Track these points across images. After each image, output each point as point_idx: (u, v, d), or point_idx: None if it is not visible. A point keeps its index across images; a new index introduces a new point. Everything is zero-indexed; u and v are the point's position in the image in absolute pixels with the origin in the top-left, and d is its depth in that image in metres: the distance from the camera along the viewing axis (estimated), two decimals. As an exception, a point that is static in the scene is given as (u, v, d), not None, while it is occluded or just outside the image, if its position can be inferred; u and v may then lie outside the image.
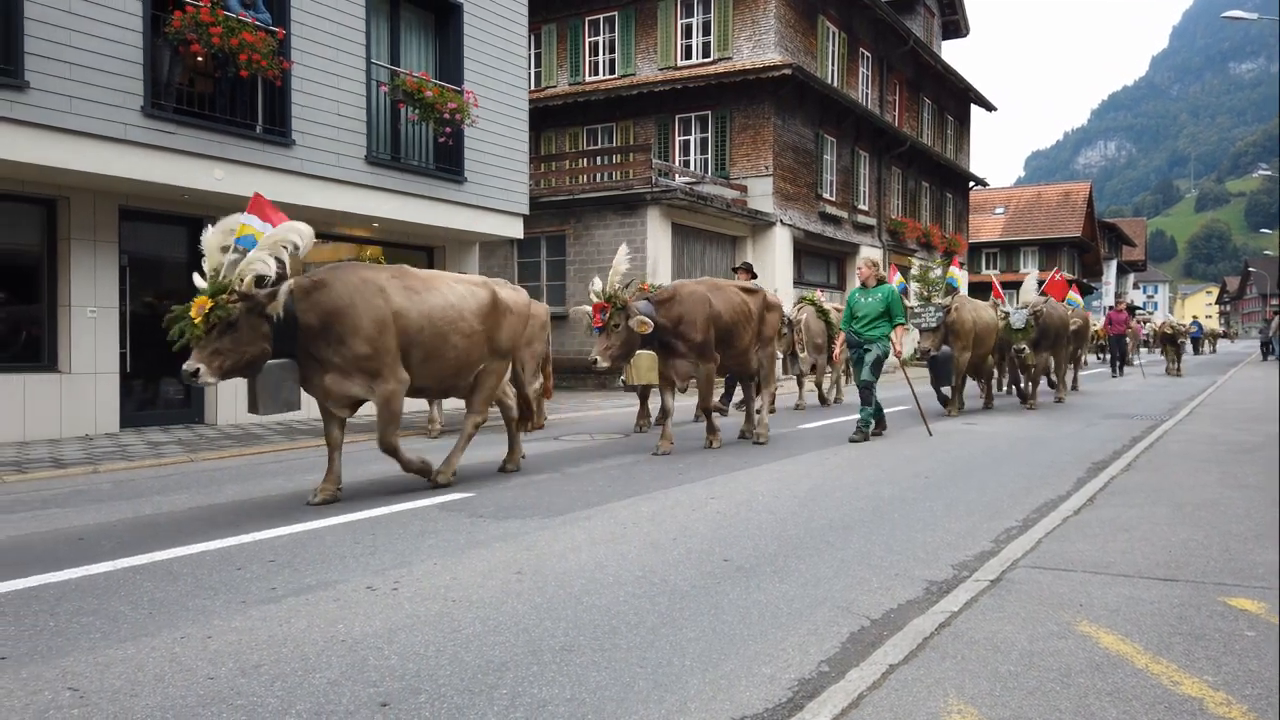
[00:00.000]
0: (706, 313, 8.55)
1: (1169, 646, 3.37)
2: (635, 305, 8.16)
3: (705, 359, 8.62)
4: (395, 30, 12.86)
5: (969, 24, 36.91)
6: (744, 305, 9.10)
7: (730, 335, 8.89)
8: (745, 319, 9.08)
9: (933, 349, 11.94)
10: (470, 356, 6.78)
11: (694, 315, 8.48)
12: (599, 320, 8.08)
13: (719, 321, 8.70)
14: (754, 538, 5.24)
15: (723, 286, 9.11)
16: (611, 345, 8.07)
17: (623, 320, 8.08)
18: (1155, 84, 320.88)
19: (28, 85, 8.62)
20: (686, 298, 8.55)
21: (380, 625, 3.67)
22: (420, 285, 6.49)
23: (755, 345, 9.38)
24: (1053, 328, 13.53)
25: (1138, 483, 6.90)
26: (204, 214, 11.29)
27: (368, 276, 6.20)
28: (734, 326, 8.90)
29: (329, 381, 6.06)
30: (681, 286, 8.74)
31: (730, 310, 8.86)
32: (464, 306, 6.68)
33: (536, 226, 18.88)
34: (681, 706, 2.92)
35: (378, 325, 6.03)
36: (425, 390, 6.90)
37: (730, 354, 9.04)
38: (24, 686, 3.05)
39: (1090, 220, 56.51)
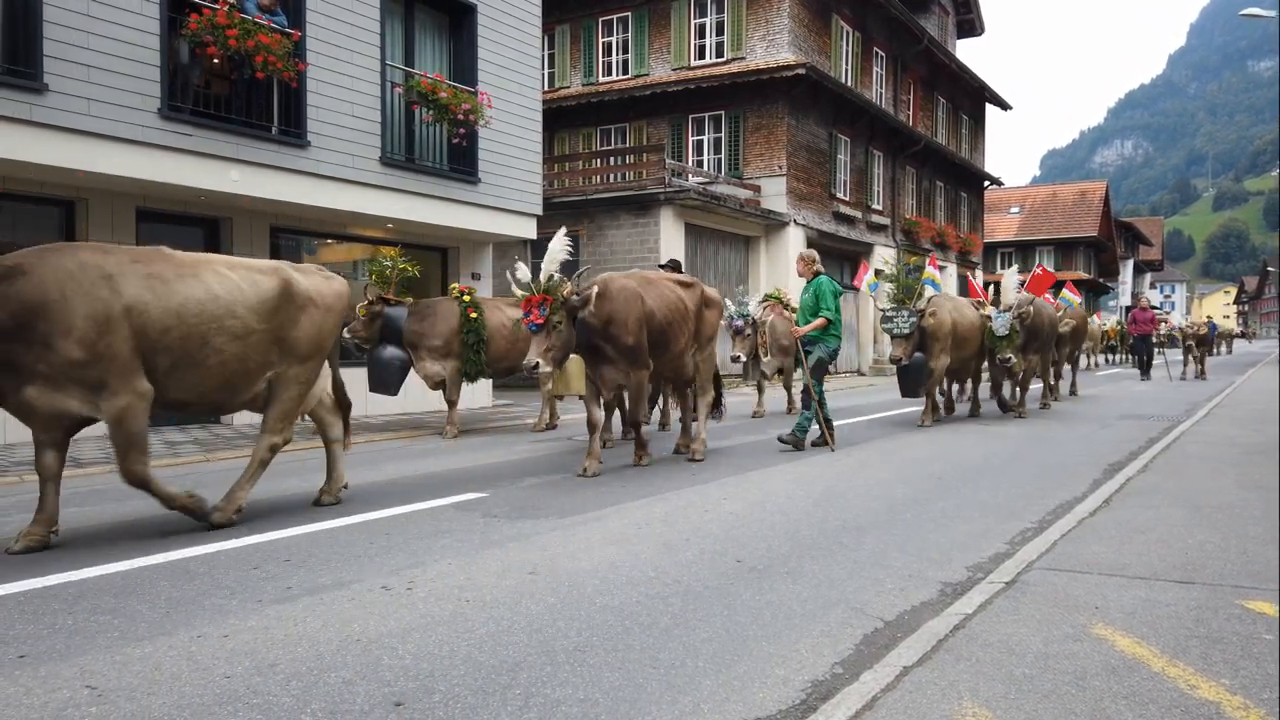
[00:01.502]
0: (639, 311, 7.44)
1: (1186, 650, 3.35)
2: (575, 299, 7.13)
3: (637, 365, 7.53)
4: (410, 32, 12.91)
5: (984, 22, 36.74)
6: (679, 302, 8.03)
7: (665, 337, 7.79)
8: (681, 318, 8.01)
9: (904, 358, 10.97)
10: (247, 364, 5.41)
11: (625, 314, 7.36)
12: (537, 317, 6.95)
13: (652, 321, 7.60)
14: (767, 538, 5.23)
15: (655, 281, 8.05)
16: (553, 346, 7.06)
17: (565, 317, 7.04)
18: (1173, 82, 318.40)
19: (46, 88, 8.70)
20: (617, 294, 7.40)
21: (395, 625, 3.69)
22: (172, 272, 5.17)
23: (692, 347, 8.32)
24: (1041, 329, 12.37)
25: (1154, 484, 6.85)
26: (220, 215, 11.40)
27: (89, 260, 4.95)
28: (669, 327, 7.80)
29: (31, 395, 4.85)
30: (611, 281, 7.58)
31: (665, 308, 7.78)
32: (234, 300, 5.31)
33: (550, 227, 18.72)
34: (694, 708, 2.92)
35: (97, 324, 4.80)
36: (187, 405, 5.50)
37: (664, 358, 7.98)
38: (43, 684, 3.08)
39: (1107, 220, 56.14)
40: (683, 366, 8.36)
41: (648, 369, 7.70)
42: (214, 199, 10.75)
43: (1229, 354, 46.51)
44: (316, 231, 12.78)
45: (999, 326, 11.46)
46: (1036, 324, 12.06)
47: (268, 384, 5.68)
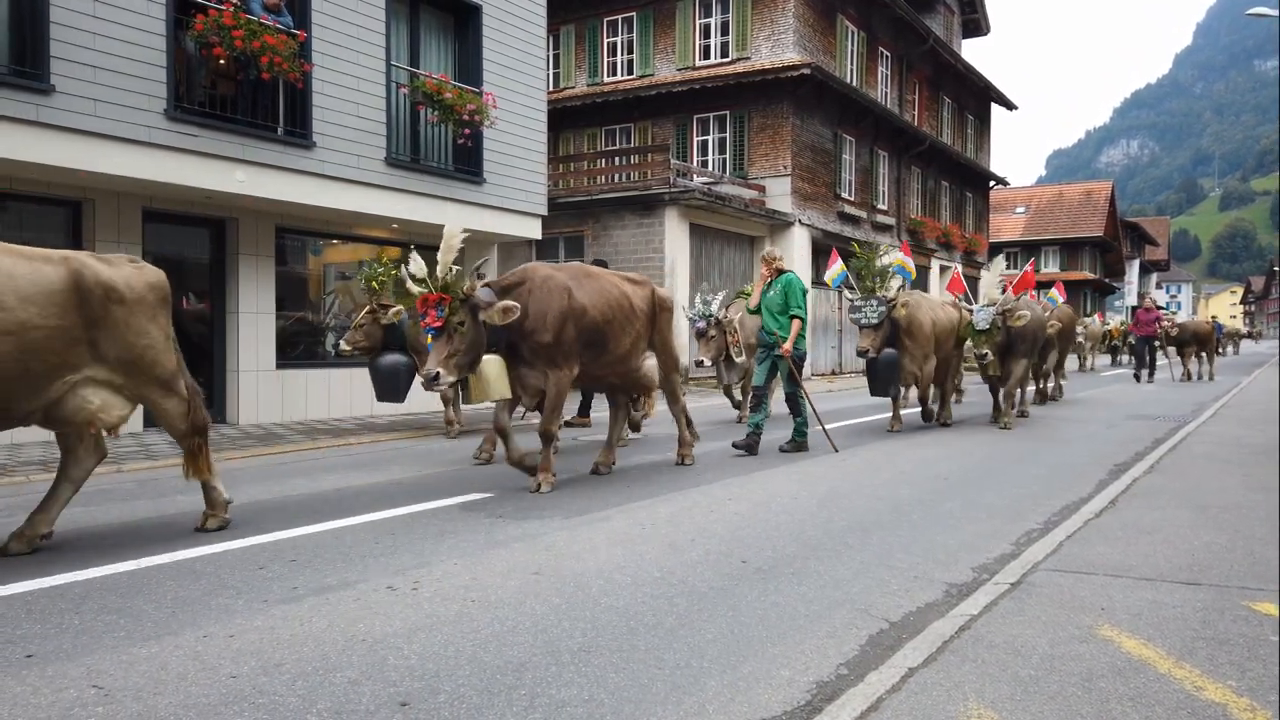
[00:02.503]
0: (563, 307, 6.63)
1: (1192, 651, 3.34)
2: (478, 294, 6.25)
3: (555, 366, 6.68)
4: (415, 32, 12.92)
5: (989, 22, 36.66)
6: (623, 300, 7.24)
7: (603, 336, 7.03)
8: (625, 317, 7.22)
9: (873, 350, 10.05)
10: (27, 365, 4.53)
11: (543, 308, 6.54)
12: (433, 319, 6.06)
13: (583, 319, 6.79)
14: (772, 539, 5.23)
15: (596, 275, 7.28)
16: (457, 351, 6.12)
17: (469, 316, 6.14)
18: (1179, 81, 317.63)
19: (53, 89, 8.73)
20: (539, 285, 6.62)
21: (400, 625, 3.69)
22: None
23: (640, 351, 7.65)
24: (1030, 331, 11.33)
25: (1160, 485, 6.84)
26: (226, 215, 11.43)
27: None
28: (607, 326, 7.03)
29: None
30: (533, 271, 6.77)
31: (603, 304, 7.00)
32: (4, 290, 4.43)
33: (555, 227, 18.92)
34: (700, 708, 2.92)
35: None
36: None
37: (603, 360, 7.19)
38: (50, 684, 3.09)
39: (1112, 219, 56.02)
40: (627, 371, 7.59)
41: (570, 372, 6.77)
42: (220, 199, 10.78)
43: (1236, 354, 46.37)
44: (322, 232, 12.80)
45: (980, 320, 10.67)
46: (1027, 326, 11.01)
47: (74, 392, 4.80)
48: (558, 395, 6.75)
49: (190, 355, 11.80)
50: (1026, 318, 10.72)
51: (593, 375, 7.35)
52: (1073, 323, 16.95)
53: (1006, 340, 10.82)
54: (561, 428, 8.56)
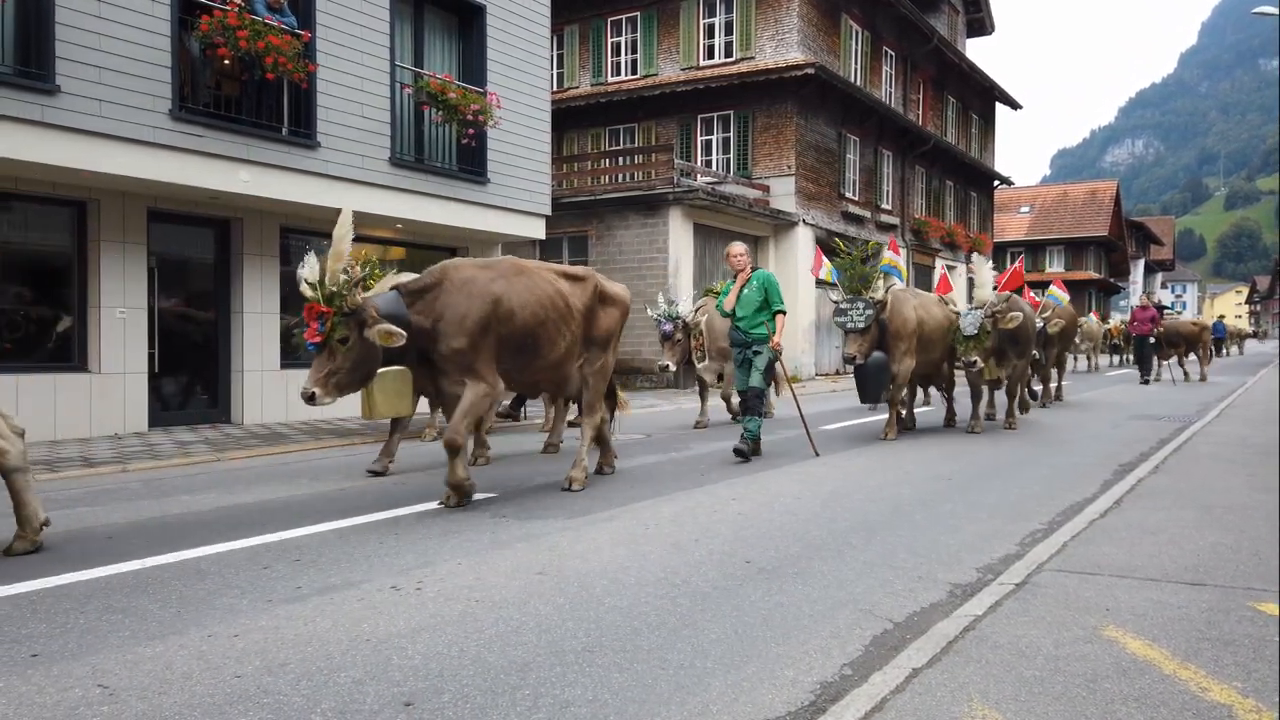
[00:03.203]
0: (483, 310, 5.95)
1: (1197, 652, 3.34)
2: (373, 303, 5.66)
3: (472, 375, 5.97)
4: (419, 32, 12.94)
5: (994, 21, 36.60)
6: (558, 298, 6.56)
7: (534, 340, 6.35)
8: (560, 317, 6.53)
9: (859, 355, 9.46)
10: None
11: (460, 312, 5.88)
12: (313, 333, 5.43)
13: (511, 321, 6.14)
14: (776, 539, 5.23)
15: (528, 270, 6.52)
16: (338, 369, 5.47)
17: (354, 331, 5.48)
18: (1184, 81, 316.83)
19: (58, 89, 8.75)
20: (457, 287, 5.97)
21: (404, 625, 3.70)
22: None
23: (579, 354, 6.88)
24: (1023, 333, 10.71)
25: (1165, 485, 6.82)
26: (231, 215, 11.45)
27: None
28: (539, 328, 6.34)
29: None
30: (453, 270, 6.10)
31: (534, 304, 6.31)
32: None
33: (559, 227, 18.93)
34: (703, 709, 2.92)
35: None
36: None
37: (535, 365, 6.51)
38: (55, 683, 3.10)
39: (1117, 219, 55.89)
40: (563, 376, 6.90)
41: (490, 384, 6.07)
42: (225, 199, 10.80)
43: (1240, 354, 46.24)
44: (326, 232, 12.69)
45: (967, 325, 9.92)
46: (1019, 328, 10.41)
47: None
48: (471, 406, 5.97)
49: (193, 356, 11.82)
50: (1019, 319, 10.10)
51: (525, 382, 6.81)
52: (1074, 322, 16.48)
53: (998, 344, 10.23)
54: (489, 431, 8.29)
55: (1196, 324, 23.19)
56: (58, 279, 10.35)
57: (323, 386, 5.46)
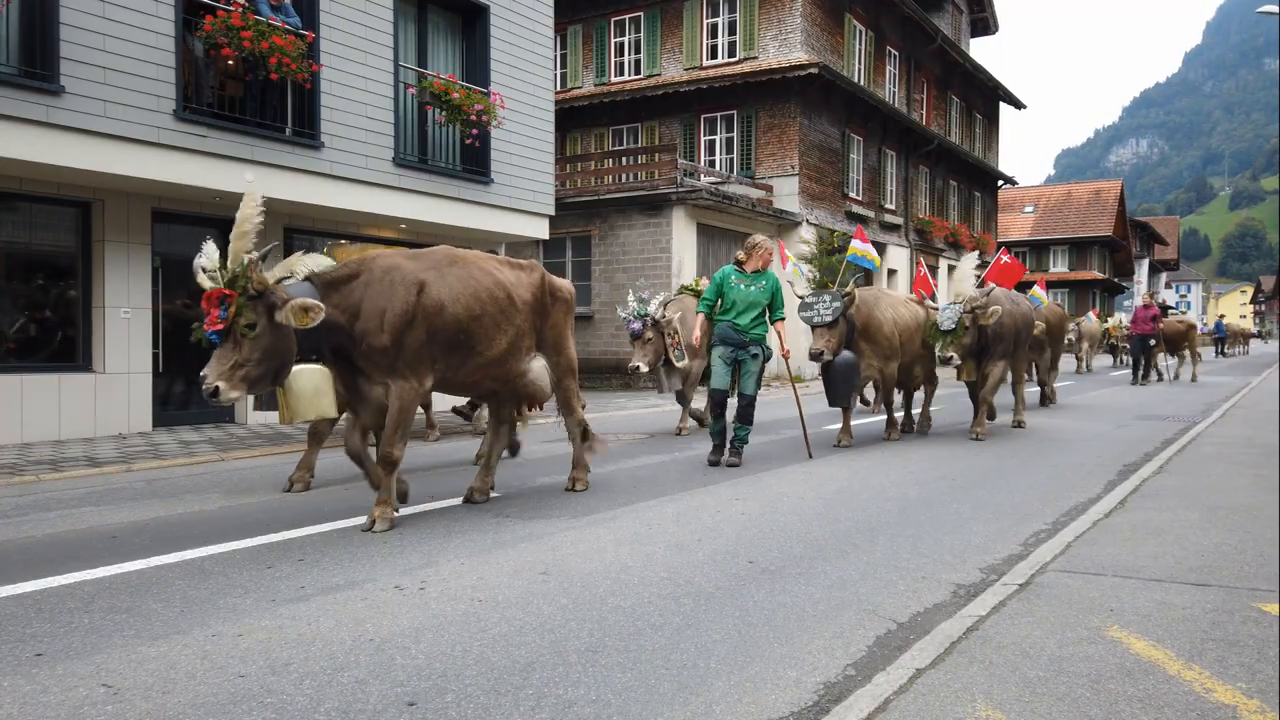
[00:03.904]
0: (408, 304, 5.40)
1: (1201, 653, 3.33)
2: (284, 289, 5.08)
3: (398, 376, 5.43)
4: (422, 33, 12.95)
5: (998, 21, 36.56)
6: (497, 290, 5.94)
7: (469, 337, 5.74)
8: (500, 312, 5.92)
9: (828, 351, 8.80)
10: None
11: (382, 306, 5.34)
12: (215, 320, 4.85)
13: (441, 315, 5.55)
14: (779, 539, 5.22)
15: (464, 262, 5.92)
16: (246, 361, 4.89)
17: (262, 316, 4.90)
18: (1188, 80, 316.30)
19: (63, 90, 8.76)
20: (378, 278, 5.43)
21: (407, 625, 3.70)
22: None
23: (524, 352, 6.24)
24: (1007, 330, 10.03)
25: (1170, 486, 6.81)
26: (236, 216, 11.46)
27: None
28: (474, 324, 5.75)
29: None
30: (375, 260, 5.58)
31: (468, 297, 5.73)
32: None
33: (562, 227, 18.93)
34: (707, 709, 2.92)
35: None
36: None
37: (473, 365, 5.87)
38: (59, 683, 3.11)
39: (1121, 219, 55.82)
40: (505, 375, 6.20)
41: (418, 384, 5.53)
42: (229, 200, 10.78)
43: (1245, 354, 46.13)
44: (330, 232, 12.83)
45: (944, 319, 9.34)
46: (1002, 324, 9.80)
47: None
48: (400, 412, 5.45)
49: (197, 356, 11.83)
50: (998, 314, 9.41)
51: (461, 383, 6.15)
52: (1062, 322, 15.85)
53: (979, 341, 9.63)
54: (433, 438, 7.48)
55: (1182, 322, 22.76)
56: (62, 279, 10.37)
57: (228, 380, 4.83)
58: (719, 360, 8.00)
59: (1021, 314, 10.63)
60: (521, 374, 6.28)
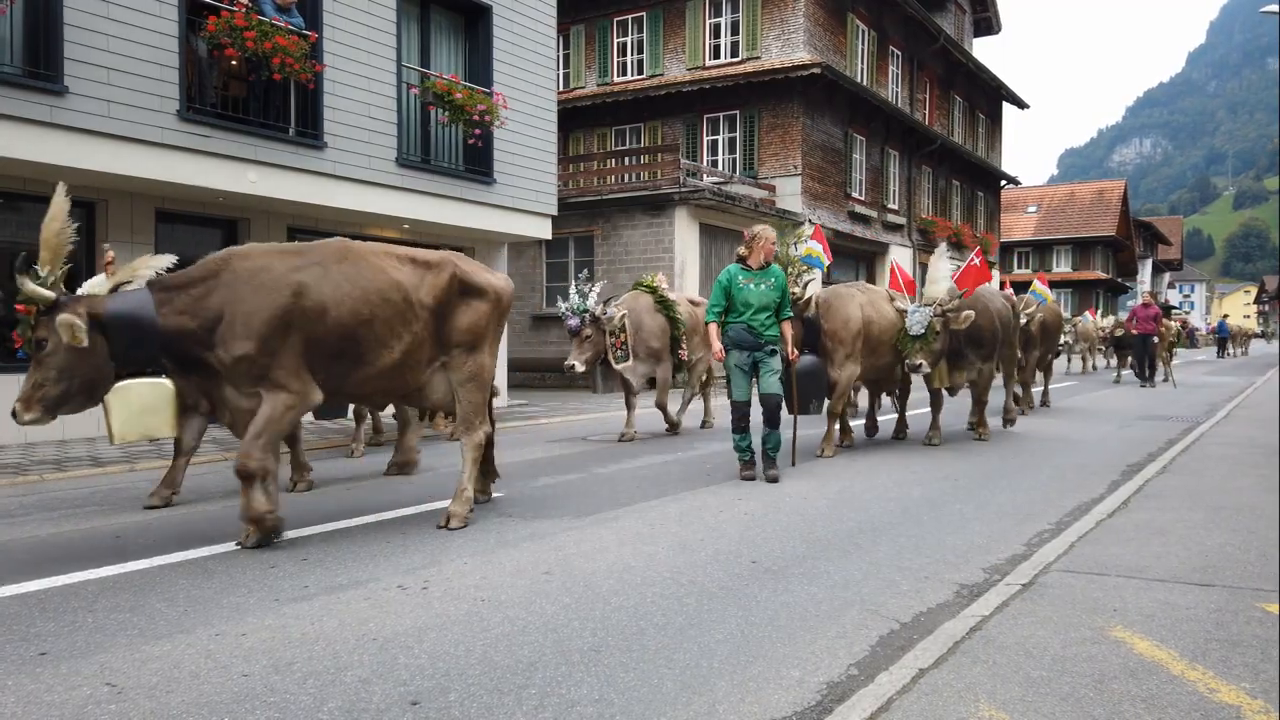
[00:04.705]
0: (277, 306, 4.83)
1: (1205, 653, 3.32)
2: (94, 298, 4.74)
3: (272, 386, 4.88)
4: (425, 33, 12.96)
5: (1000, 21, 36.53)
6: (391, 291, 5.21)
7: (356, 342, 5.10)
8: (397, 314, 5.22)
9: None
10: None
11: (245, 309, 4.79)
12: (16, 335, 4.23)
13: (322, 320, 4.96)
14: (782, 539, 5.22)
15: (355, 256, 5.23)
16: (44, 382, 4.52)
17: (54, 333, 4.49)
18: (1192, 80, 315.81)
19: (67, 90, 8.78)
20: (242, 279, 4.87)
21: (410, 624, 3.70)
22: None
23: (432, 358, 5.51)
24: (985, 331, 9.45)
25: (1173, 486, 6.80)
26: (239, 216, 11.48)
27: None
28: (362, 327, 5.09)
29: None
30: (239, 259, 5.00)
31: (356, 298, 5.07)
32: None
33: (565, 227, 18.93)
34: (710, 709, 2.92)
35: None
36: None
37: (361, 375, 5.23)
38: (63, 682, 3.11)
39: (1125, 219, 55.78)
40: (409, 386, 5.52)
41: (293, 395, 4.93)
42: (232, 200, 10.82)
43: (1245, 355, 46.06)
44: (333, 232, 12.80)
45: (914, 323, 8.68)
46: (978, 325, 9.12)
47: None
48: (267, 421, 4.86)
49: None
50: (970, 318, 8.73)
51: (351, 394, 5.52)
52: (1058, 319, 15.05)
53: (953, 346, 9.04)
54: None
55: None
56: (66, 279, 10.36)
57: (25, 403, 4.49)
58: (736, 369, 7.33)
59: (998, 310, 10.06)
60: (423, 384, 5.55)
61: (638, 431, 10.12)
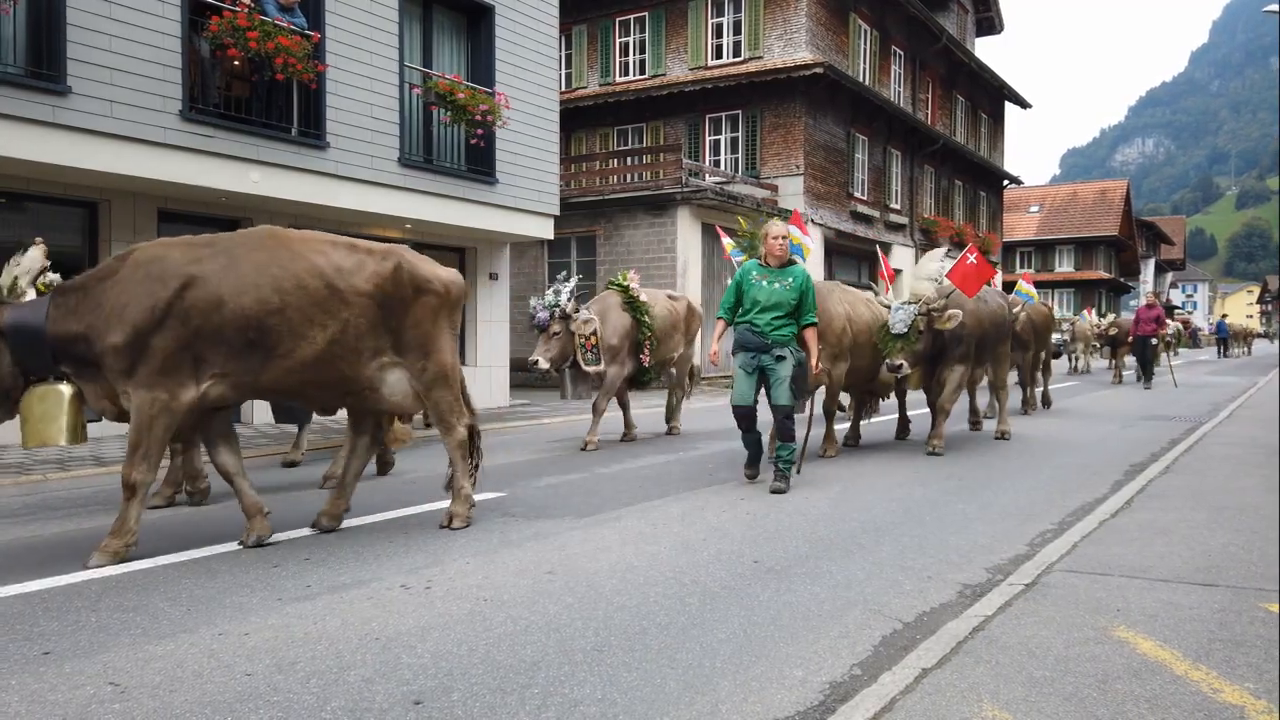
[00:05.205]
0: (157, 297, 4.60)
1: (1209, 653, 3.32)
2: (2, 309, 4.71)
3: (137, 384, 4.64)
4: (428, 33, 12.96)
5: (1003, 20, 36.47)
6: (311, 278, 4.89)
7: (265, 334, 4.78)
8: (316, 302, 4.88)
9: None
10: None
11: (122, 301, 4.61)
12: None
13: (219, 311, 4.68)
14: (785, 539, 5.22)
15: (277, 244, 4.98)
16: None
17: None
18: (1195, 80, 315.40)
19: (70, 90, 8.79)
20: (131, 273, 4.69)
21: (413, 624, 3.70)
22: None
23: (363, 355, 5.11)
24: (968, 331, 8.94)
25: (1176, 486, 6.79)
26: (241, 216, 11.49)
27: None
28: (270, 317, 4.77)
29: None
30: (139, 253, 4.83)
31: (264, 287, 4.77)
32: None
33: (567, 227, 18.93)
34: (713, 709, 2.92)
35: None
36: None
37: (277, 369, 4.88)
38: (67, 681, 3.12)
39: (1128, 218, 55.70)
40: (346, 382, 5.13)
41: (163, 395, 4.64)
42: (235, 200, 10.82)
43: (1248, 355, 45.99)
44: (336, 232, 12.78)
45: (896, 322, 8.26)
46: (963, 324, 8.66)
47: None
48: (138, 432, 4.66)
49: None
50: (958, 319, 8.40)
51: (275, 390, 5.13)
52: (1049, 319, 14.51)
53: (934, 346, 8.63)
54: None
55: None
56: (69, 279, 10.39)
57: None
58: (739, 371, 6.90)
59: (989, 312, 9.58)
60: (368, 380, 5.19)
61: (598, 440, 9.37)
